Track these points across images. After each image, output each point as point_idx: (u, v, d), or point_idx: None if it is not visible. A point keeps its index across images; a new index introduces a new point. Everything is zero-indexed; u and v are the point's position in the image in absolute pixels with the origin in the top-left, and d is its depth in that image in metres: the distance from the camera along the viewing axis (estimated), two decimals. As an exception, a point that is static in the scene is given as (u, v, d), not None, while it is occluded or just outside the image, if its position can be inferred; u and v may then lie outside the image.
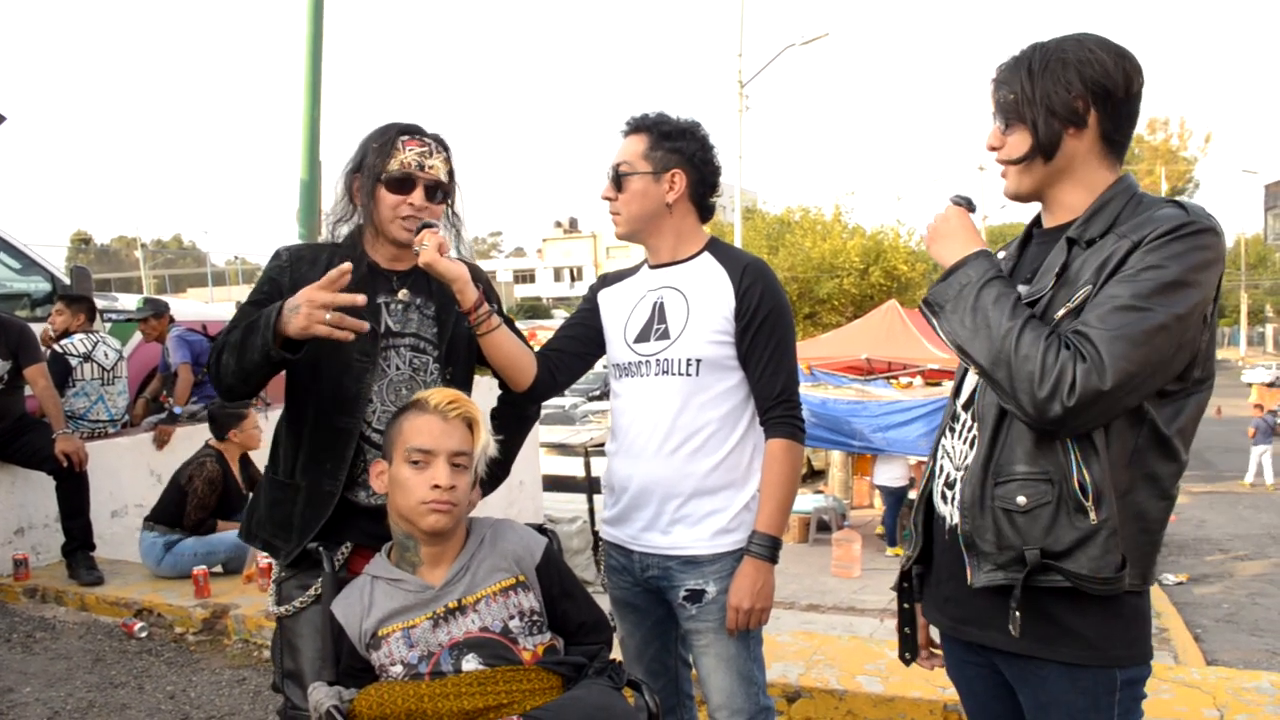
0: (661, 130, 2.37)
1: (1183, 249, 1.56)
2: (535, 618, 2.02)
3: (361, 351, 2.25)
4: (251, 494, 2.44)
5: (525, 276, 72.68)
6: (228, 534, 5.50)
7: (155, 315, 7.59)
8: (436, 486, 1.96)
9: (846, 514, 14.55)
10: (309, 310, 1.98)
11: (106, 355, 6.39)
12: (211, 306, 11.32)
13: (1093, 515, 1.61)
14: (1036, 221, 1.89)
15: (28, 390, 5.52)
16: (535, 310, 53.49)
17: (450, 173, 2.33)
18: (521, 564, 2.06)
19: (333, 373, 2.25)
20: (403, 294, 2.34)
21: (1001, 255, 1.93)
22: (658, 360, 2.37)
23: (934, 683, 3.45)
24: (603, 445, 14.26)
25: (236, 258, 73.95)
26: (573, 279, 70.45)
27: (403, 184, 2.24)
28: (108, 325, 7.50)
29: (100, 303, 7.37)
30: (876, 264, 26.03)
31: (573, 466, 12.64)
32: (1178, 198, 1.70)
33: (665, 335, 2.38)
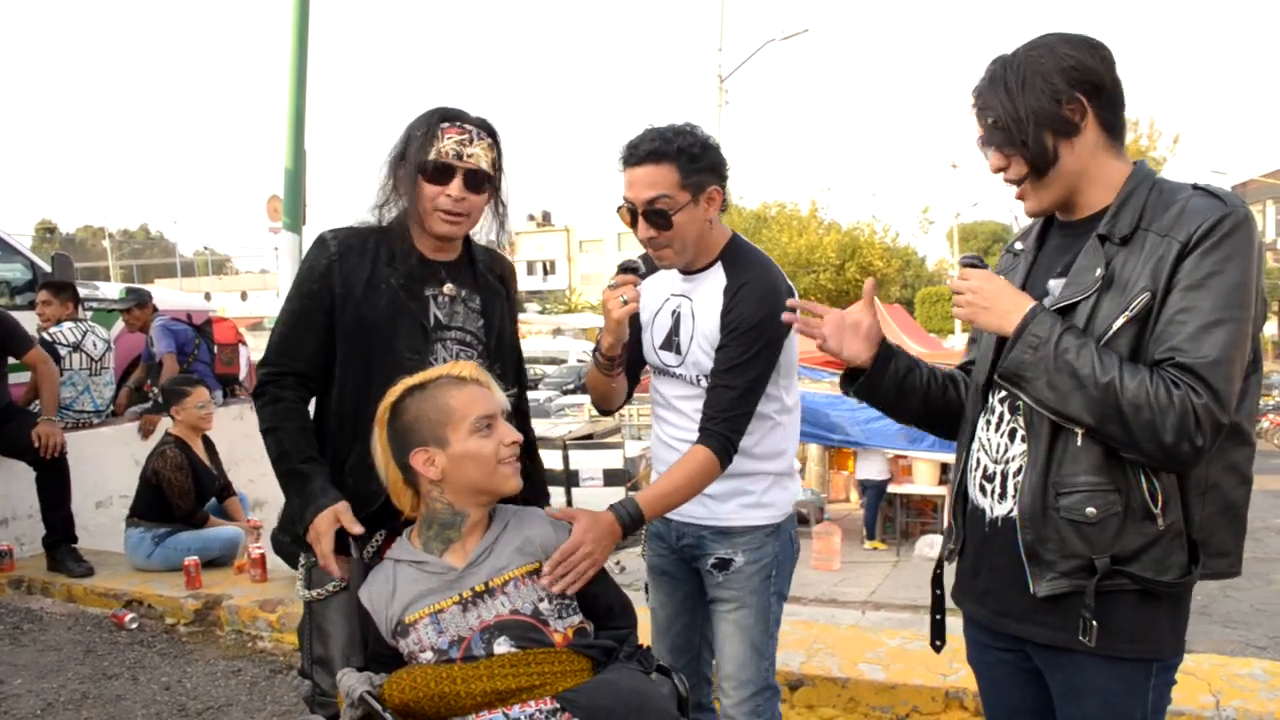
0: (689, 154, 2.27)
1: (1234, 247, 1.58)
2: (565, 600, 2.02)
3: (412, 349, 2.22)
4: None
5: (498, 270, 72.01)
6: (222, 529, 5.47)
7: (138, 305, 7.52)
8: (514, 443, 2.01)
9: (824, 508, 14.63)
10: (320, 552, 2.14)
11: (95, 345, 6.33)
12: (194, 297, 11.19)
13: (1160, 521, 1.64)
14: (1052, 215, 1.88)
15: (11, 379, 5.45)
16: (508, 304, 53.24)
17: (495, 160, 2.25)
18: (548, 550, 2.06)
19: (385, 373, 2.18)
20: (448, 288, 2.30)
21: (1019, 247, 1.93)
22: (676, 373, 2.49)
23: (935, 670, 3.50)
24: (582, 438, 14.26)
25: (205, 248, 73.29)
26: (545, 273, 70.29)
27: (441, 173, 2.18)
28: (89, 314, 7.40)
29: (82, 291, 7.28)
30: (852, 260, 26.21)
31: (551, 459, 12.64)
32: (1199, 184, 1.68)
33: (678, 350, 2.46)
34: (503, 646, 1.92)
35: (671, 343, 2.47)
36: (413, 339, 2.22)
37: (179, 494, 5.33)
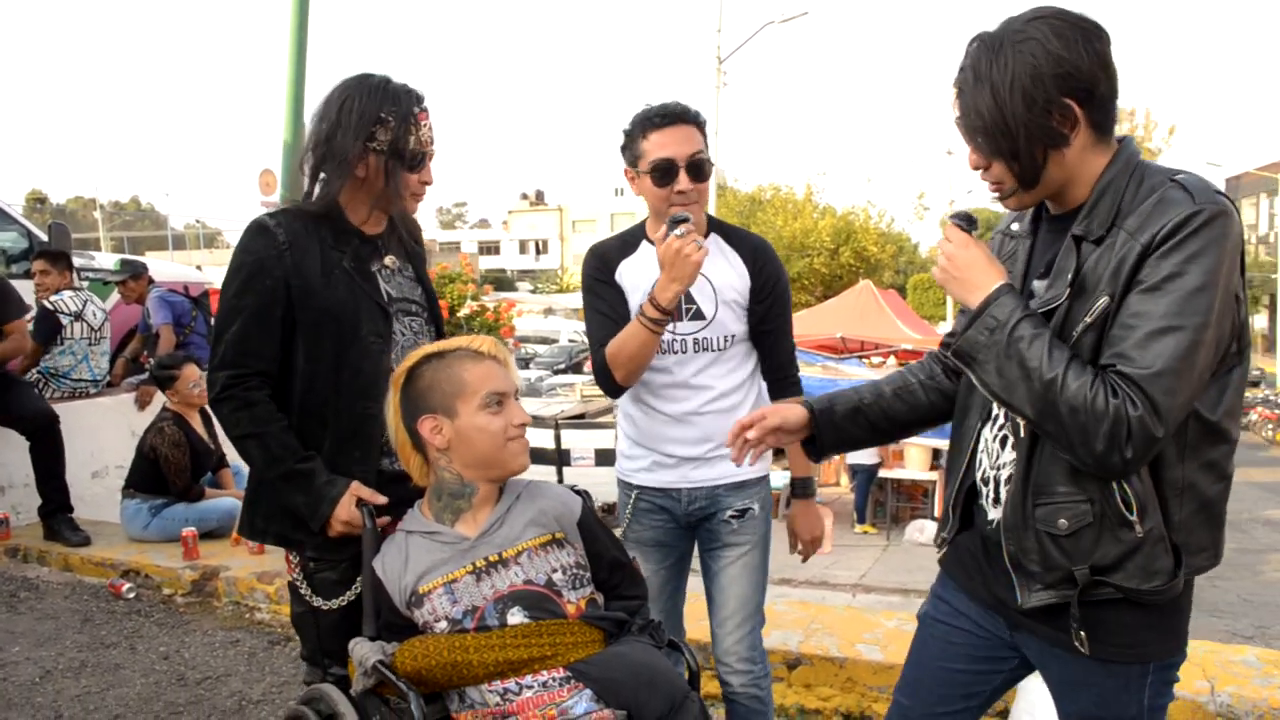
0: (700, 123, 2.50)
1: (1198, 246, 1.49)
2: (578, 571, 2.04)
3: (376, 334, 2.24)
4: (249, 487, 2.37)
5: (490, 248, 72.05)
6: (220, 501, 5.47)
7: (133, 276, 7.49)
8: (522, 424, 2.04)
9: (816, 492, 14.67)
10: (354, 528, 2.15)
11: (95, 315, 6.30)
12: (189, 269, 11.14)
13: (1138, 528, 1.60)
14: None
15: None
16: (500, 282, 53.21)
17: None
18: (561, 521, 2.08)
19: (353, 361, 2.20)
20: (389, 260, 2.32)
21: (1015, 227, 1.86)
22: (695, 340, 2.55)
23: (933, 652, 3.52)
24: (574, 417, 14.27)
25: (197, 221, 72.76)
26: (538, 252, 70.11)
27: (421, 161, 2.25)
28: (84, 285, 7.36)
29: (77, 261, 7.25)
30: (847, 244, 26.25)
31: (543, 439, 12.64)
32: (1179, 175, 1.59)
33: (699, 315, 2.55)
34: (516, 616, 1.94)
35: (686, 311, 2.54)
36: (374, 322, 2.24)
37: (175, 471, 5.33)
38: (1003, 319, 1.60)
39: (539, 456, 12.56)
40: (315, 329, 2.19)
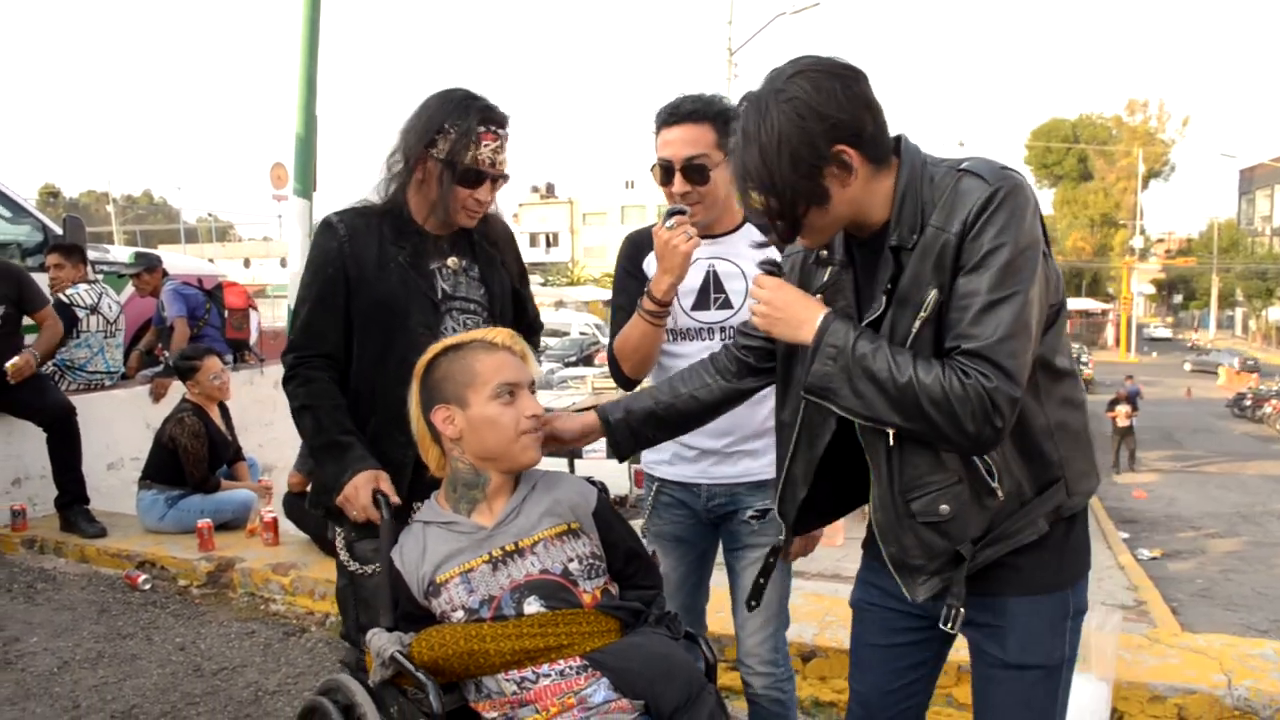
0: (725, 118, 2.37)
1: (1005, 219, 1.59)
2: (594, 561, 2.04)
3: (425, 325, 2.32)
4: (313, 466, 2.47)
5: (501, 241, 71.71)
6: (236, 492, 5.49)
7: (148, 269, 7.50)
8: (534, 416, 2.02)
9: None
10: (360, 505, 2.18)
11: (110, 308, 6.34)
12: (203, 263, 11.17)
13: (999, 492, 1.71)
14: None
15: (28, 340, 5.47)
16: (512, 276, 53.16)
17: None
18: (577, 511, 2.08)
19: (400, 349, 2.28)
20: (451, 261, 2.41)
21: (824, 253, 1.87)
22: (721, 328, 2.52)
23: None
24: (585, 409, 14.43)
25: (209, 214, 73.11)
26: (549, 244, 70.17)
27: (476, 179, 2.29)
28: (99, 278, 7.39)
29: (92, 255, 7.27)
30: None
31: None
32: (963, 164, 1.68)
33: (727, 304, 2.52)
34: (533, 606, 1.94)
35: (713, 300, 2.52)
36: (424, 314, 2.33)
37: (194, 461, 5.36)
38: (841, 343, 1.68)
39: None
40: (368, 317, 2.32)
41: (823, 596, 4.29)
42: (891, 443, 1.73)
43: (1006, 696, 1.84)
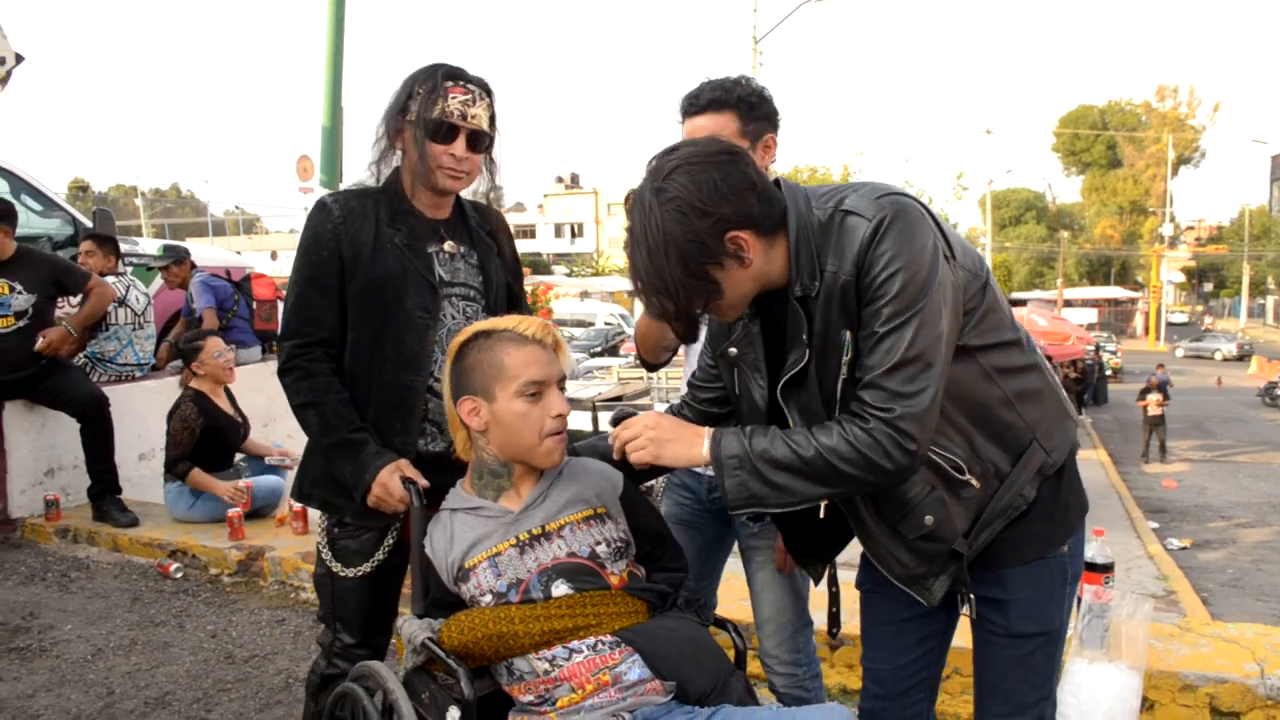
0: (748, 103, 2.35)
1: (892, 247, 1.59)
2: (620, 544, 2.04)
3: (423, 308, 2.28)
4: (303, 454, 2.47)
5: (526, 232, 72.12)
6: (264, 479, 5.52)
7: (176, 262, 7.58)
8: (559, 415, 2.00)
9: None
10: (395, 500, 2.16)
11: (138, 300, 6.41)
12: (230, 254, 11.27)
13: (975, 482, 1.75)
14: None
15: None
16: (536, 266, 53.36)
17: (492, 119, 2.31)
18: (604, 497, 2.07)
19: (397, 332, 2.26)
20: (449, 245, 2.36)
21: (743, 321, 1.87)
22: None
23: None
24: (611, 399, 14.40)
25: (236, 208, 73.62)
26: (573, 235, 70.17)
27: (447, 133, 2.23)
28: (128, 270, 7.47)
29: (122, 247, 7.35)
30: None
31: (581, 420, 12.71)
32: (843, 203, 1.66)
33: None
34: (560, 589, 1.94)
35: None
36: (422, 297, 2.28)
37: (173, 443, 5.31)
38: (738, 450, 1.70)
39: (577, 438, 12.62)
40: (362, 299, 2.26)
41: (849, 584, 4.26)
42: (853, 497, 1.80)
43: (1008, 661, 1.90)
